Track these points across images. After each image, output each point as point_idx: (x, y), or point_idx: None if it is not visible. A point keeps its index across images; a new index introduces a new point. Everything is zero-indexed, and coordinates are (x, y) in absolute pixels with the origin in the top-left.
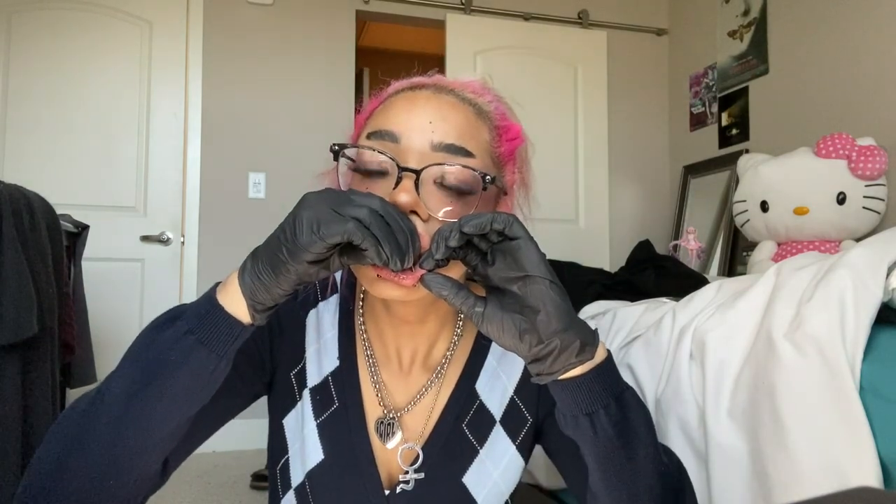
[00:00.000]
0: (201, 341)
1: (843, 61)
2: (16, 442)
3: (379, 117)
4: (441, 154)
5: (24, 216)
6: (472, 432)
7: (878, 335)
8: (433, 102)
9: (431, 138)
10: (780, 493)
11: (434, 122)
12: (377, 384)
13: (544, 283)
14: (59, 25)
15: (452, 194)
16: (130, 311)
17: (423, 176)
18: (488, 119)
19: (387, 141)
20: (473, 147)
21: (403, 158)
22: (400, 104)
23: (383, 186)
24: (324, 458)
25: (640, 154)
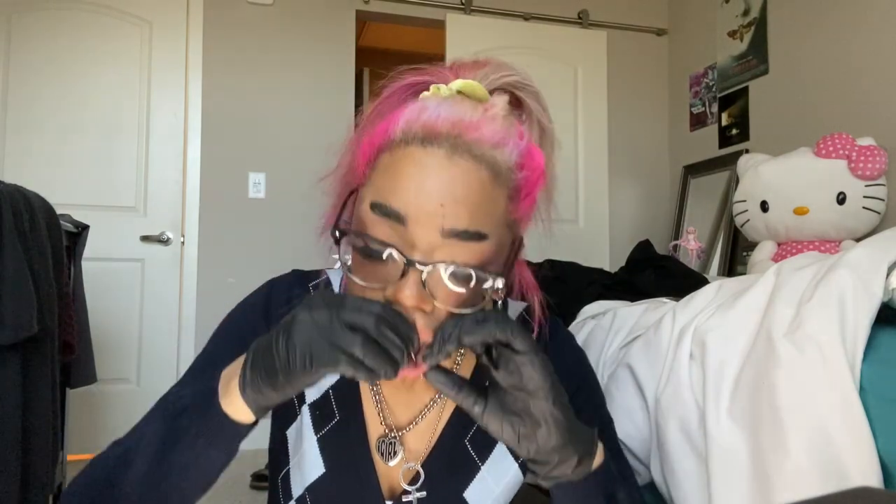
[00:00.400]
0: (211, 444)
1: (843, 61)
2: (16, 441)
3: (387, 179)
4: (452, 241)
5: (24, 216)
6: (474, 448)
7: (878, 335)
8: (446, 174)
9: (442, 224)
10: (780, 493)
11: (446, 203)
12: (378, 400)
13: (547, 401)
14: (59, 25)
15: (460, 288)
16: (130, 311)
17: (429, 272)
18: (506, 174)
19: (392, 220)
20: (488, 226)
21: (410, 244)
22: (409, 170)
23: (386, 272)
24: (325, 471)
25: (640, 154)
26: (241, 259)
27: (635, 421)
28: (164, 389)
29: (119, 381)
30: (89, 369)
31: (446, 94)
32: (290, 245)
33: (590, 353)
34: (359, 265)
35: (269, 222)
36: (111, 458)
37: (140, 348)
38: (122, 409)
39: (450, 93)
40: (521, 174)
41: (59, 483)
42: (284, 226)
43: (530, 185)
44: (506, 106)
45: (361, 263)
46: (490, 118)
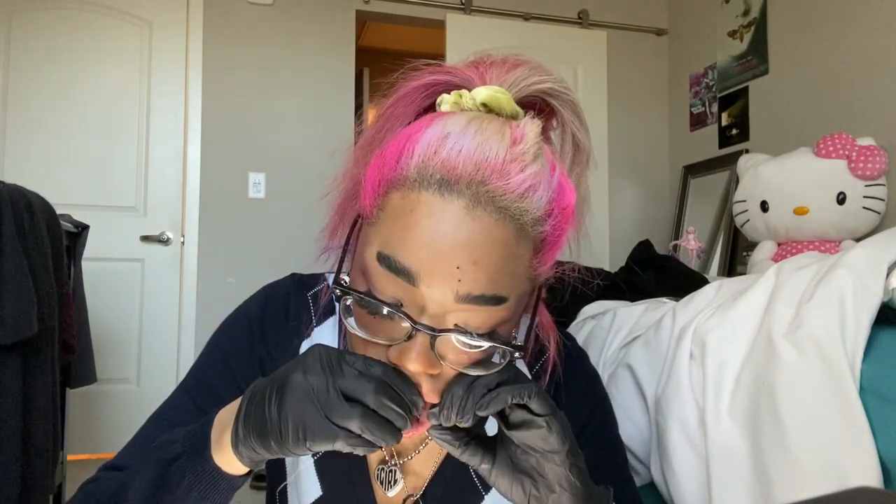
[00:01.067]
0: (204, 497)
1: (843, 61)
2: (16, 441)
3: (395, 230)
4: (466, 307)
5: (24, 216)
6: (478, 476)
7: (878, 335)
8: (465, 231)
9: (457, 288)
10: (780, 493)
11: (463, 266)
12: None
13: (564, 466)
14: (59, 25)
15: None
16: (130, 311)
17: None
18: (534, 231)
19: (401, 279)
20: (507, 288)
21: (419, 306)
22: (423, 226)
23: (391, 331)
24: (322, 494)
25: (640, 154)
26: (241, 259)
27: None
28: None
29: (119, 381)
30: (89, 369)
31: (469, 106)
32: (290, 245)
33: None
34: (361, 315)
35: (269, 222)
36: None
37: (140, 348)
38: (122, 409)
39: (473, 104)
40: (548, 224)
41: (59, 483)
42: (284, 226)
43: (558, 232)
44: (537, 136)
45: (365, 316)
46: (518, 158)
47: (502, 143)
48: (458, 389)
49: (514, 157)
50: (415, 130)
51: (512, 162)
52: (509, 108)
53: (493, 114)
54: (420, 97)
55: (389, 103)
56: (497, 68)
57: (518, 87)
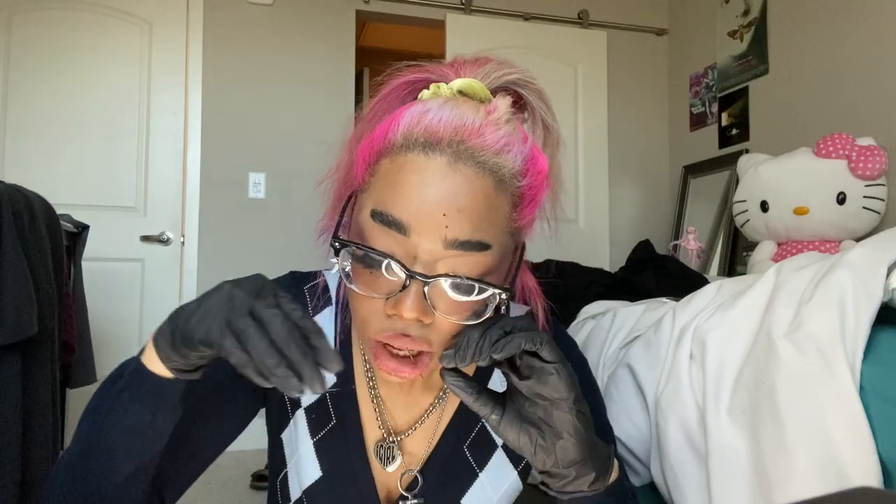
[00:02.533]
0: (134, 398)
1: (843, 61)
2: (16, 442)
3: (387, 186)
4: (454, 252)
5: (24, 216)
6: (472, 454)
7: (878, 335)
8: (449, 183)
9: (445, 234)
10: (780, 493)
11: (449, 213)
12: (377, 403)
13: (571, 413)
14: (59, 25)
15: (462, 298)
16: (130, 311)
17: (432, 285)
18: (511, 186)
19: (394, 231)
20: (491, 236)
21: (411, 255)
22: (411, 181)
23: (387, 284)
24: (322, 475)
25: (640, 154)
26: (241, 259)
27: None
28: None
29: None
30: (89, 369)
31: (447, 94)
32: (290, 245)
33: (590, 353)
34: (359, 274)
35: (269, 222)
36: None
37: (140, 348)
38: None
39: (451, 92)
40: (524, 181)
41: None
42: (284, 226)
43: (534, 191)
44: (509, 108)
45: (361, 272)
46: (493, 122)
47: (478, 113)
48: (474, 333)
49: (488, 122)
50: (399, 112)
51: (487, 126)
52: (483, 93)
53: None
54: (403, 93)
55: (376, 99)
56: (469, 65)
57: (490, 79)
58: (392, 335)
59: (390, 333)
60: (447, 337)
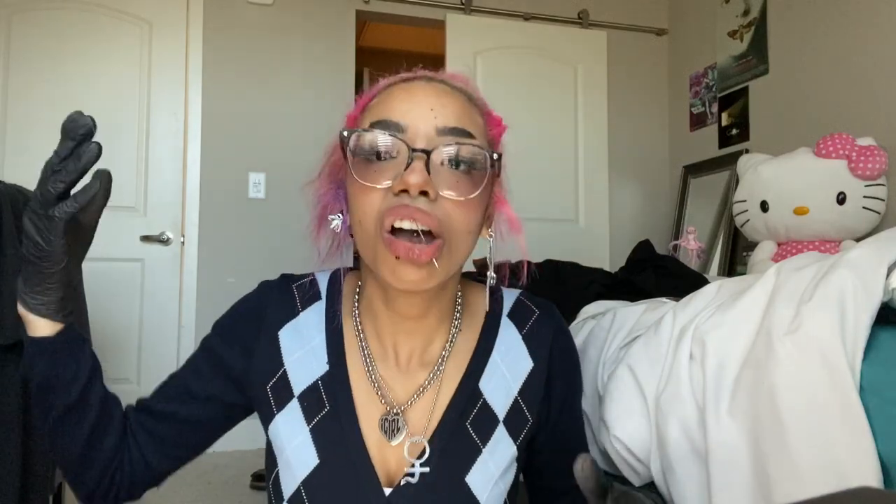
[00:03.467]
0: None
1: (843, 61)
2: (16, 442)
3: (379, 108)
4: (446, 137)
5: None
6: (475, 431)
7: (878, 335)
8: (430, 90)
9: (435, 123)
10: (780, 493)
11: (435, 108)
12: (376, 382)
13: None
14: (59, 25)
15: (460, 174)
16: (130, 311)
17: (433, 157)
18: (478, 105)
19: (392, 130)
20: (473, 129)
21: (412, 143)
22: (398, 94)
23: (392, 171)
24: (319, 462)
25: (640, 154)
26: (241, 259)
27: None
28: None
29: (119, 381)
30: None
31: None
32: (290, 245)
33: (590, 353)
34: (363, 171)
35: (269, 222)
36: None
37: (140, 348)
38: None
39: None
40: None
41: (59, 483)
42: (284, 226)
43: (496, 119)
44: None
45: (365, 170)
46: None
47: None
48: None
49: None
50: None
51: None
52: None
53: None
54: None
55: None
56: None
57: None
58: (402, 207)
59: (400, 207)
60: (453, 220)
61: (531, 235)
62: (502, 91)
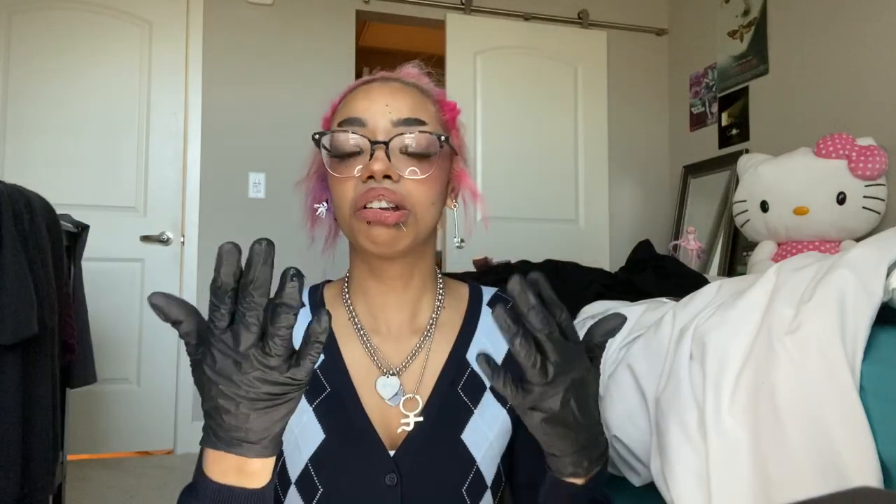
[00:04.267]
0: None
1: (843, 61)
2: (16, 442)
3: (344, 109)
4: (401, 128)
5: (24, 216)
6: (466, 394)
7: (878, 335)
8: (385, 89)
9: (391, 117)
10: (780, 493)
11: (390, 104)
12: (371, 350)
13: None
14: (59, 25)
15: (416, 158)
16: (130, 311)
17: (391, 146)
18: (430, 95)
19: (355, 126)
20: (425, 117)
21: (372, 137)
22: (358, 95)
23: (359, 163)
24: (325, 437)
25: (640, 154)
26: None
27: (635, 421)
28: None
29: (119, 381)
30: (89, 369)
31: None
32: (290, 245)
33: None
34: (336, 165)
35: (269, 222)
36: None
37: (140, 348)
38: (122, 409)
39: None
40: (440, 97)
41: (59, 483)
42: (284, 226)
43: (450, 105)
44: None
45: (337, 164)
46: (405, 71)
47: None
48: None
49: (405, 69)
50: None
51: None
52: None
53: None
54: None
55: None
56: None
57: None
58: (370, 190)
59: (369, 191)
60: (414, 195)
61: (531, 235)
62: (502, 91)
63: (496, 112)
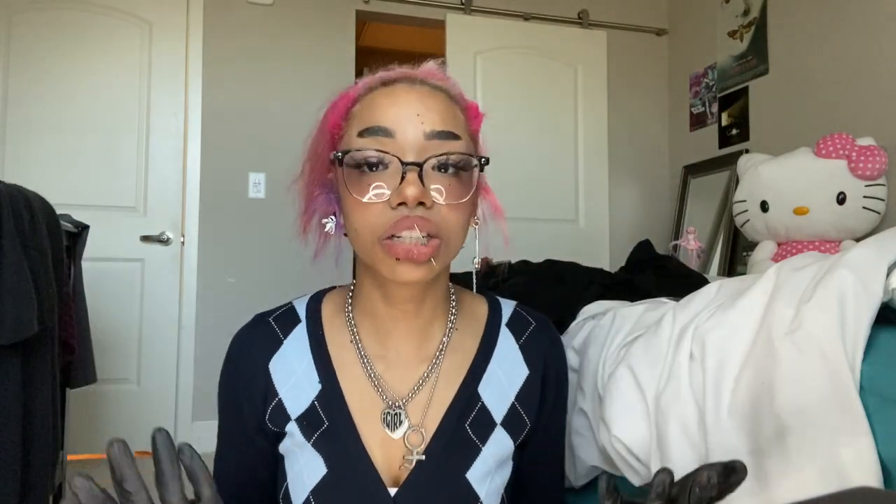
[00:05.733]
0: None
1: (843, 61)
2: (16, 442)
3: (365, 114)
4: (435, 142)
5: (24, 216)
6: (474, 432)
7: (878, 335)
8: (413, 94)
9: (423, 129)
10: (780, 493)
11: (421, 113)
12: (375, 379)
13: None
14: (59, 25)
15: (451, 177)
16: (130, 311)
17: (425, 167)
18: (457, 101)
19: (381, 136)
20: (458, 129)
21: (402, 151)
22: (382, 100)
23: (383, 179)
24: (327, 471)
25: (640, 154)
26: (241, 259)
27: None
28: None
29: (119, 381)
30: (89, 369)
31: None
32: (290, 245)
33: (590, 353)
34: (356, 183)
35: (269, 222)
36: None
37: (140, 348)
38: (122, 409)
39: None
40: (465, 103)
41: (59, 483)
42: (284, 226)
43: (474, 110)
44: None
45: (359, 185)
46: (428, 68)
47: (416, 69)
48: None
49: (425, 69)
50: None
51: (425, 70)
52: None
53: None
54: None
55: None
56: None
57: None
58: (403, 220)
59: (402, 220)
60: (450, 224)
61: (531, 235)
62: (502, 91)
63: (496, 112)
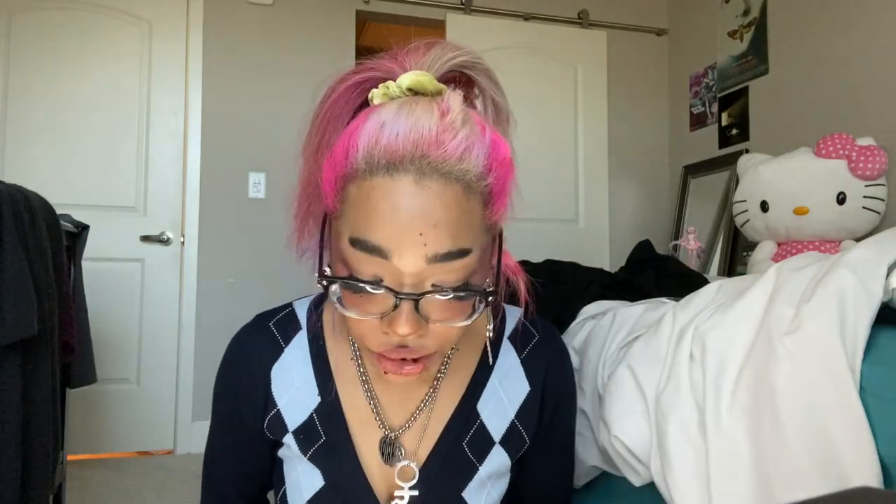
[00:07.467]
0: None
1: (843, 61)
2: (16, 442)
3: (359, 216)
4: (437, 265)
5: (24, 216)
6: (471, 451)
7: (878, 335)
8: (419, 201)
9: (425, 252)
10: (780, 493)
11: (425, 232)
12: (374, 402)
13: None
14: (59, 25)
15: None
16: (130, 311)
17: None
18: (479, 187)
19: (374, 256)
20: (469, 240)
21: (397, 276)
22: (380, 203)
23: (378, 301)
24: (325, 484)
25: (640, 154)
26: (241, 259)
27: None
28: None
29: (119, 381)
30: (89, 369)
31: (397, 94)
32: None
33: (590, 353)
34: (351, 299)
35: (269, 222)
36: None
37: (140, 348)
38: (122, 409)
39: (400, 91)
40: (490, 177)
41: (59, 483)
42: (284, 226)
43: (501, 182)
44: (461, 103)
45: (352, 297)
46: (449, 126)
47: (432, 118)
48: None
49: (445, 128)
50: (354, 127)
51: (444, 132)
52: (432, 86)
53: (420, 95)
54: (353, 97)
55: (325, 107)
56: (413, 54)
57: (436, 67)
58: (391, 349)
59: (390, 348)
60: (445, 339)
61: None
62: None
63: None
